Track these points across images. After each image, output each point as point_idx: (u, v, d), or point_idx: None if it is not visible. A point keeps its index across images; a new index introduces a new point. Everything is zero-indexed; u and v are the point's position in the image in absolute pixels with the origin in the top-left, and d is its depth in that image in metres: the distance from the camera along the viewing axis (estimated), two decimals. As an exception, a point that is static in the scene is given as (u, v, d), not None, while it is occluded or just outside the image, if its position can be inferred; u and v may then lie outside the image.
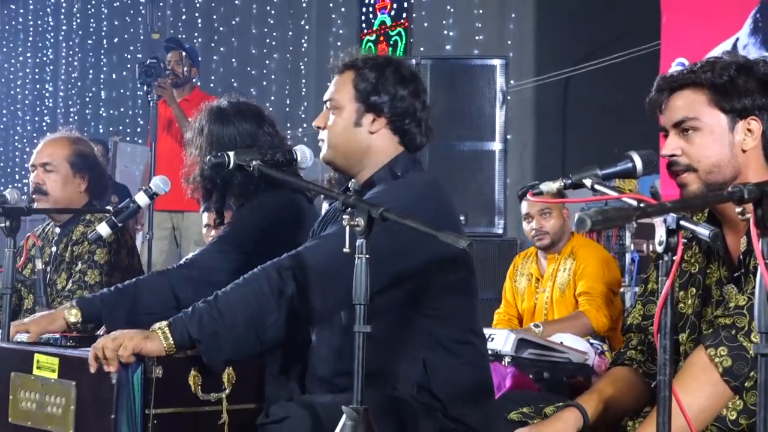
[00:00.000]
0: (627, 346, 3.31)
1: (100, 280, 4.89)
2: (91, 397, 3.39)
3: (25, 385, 3.59)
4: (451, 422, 3.56)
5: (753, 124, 3.05)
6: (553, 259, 6.07)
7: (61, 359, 3.49)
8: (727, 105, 3.05)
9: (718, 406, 2.91)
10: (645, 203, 2.52)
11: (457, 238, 3.10)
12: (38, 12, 17.24)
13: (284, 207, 4.21)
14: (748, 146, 3.05)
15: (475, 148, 8.16)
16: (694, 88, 3.08)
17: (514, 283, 6.26)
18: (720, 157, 3.05)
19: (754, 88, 3.04)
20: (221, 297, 3.43)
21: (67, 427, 3.43)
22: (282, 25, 14.86)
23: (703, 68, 3.07)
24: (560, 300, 5.95)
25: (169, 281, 4.17)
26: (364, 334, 3.13)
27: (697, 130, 3.06)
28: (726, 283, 3.07)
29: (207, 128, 4.26)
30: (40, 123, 16.69)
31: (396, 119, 3.73)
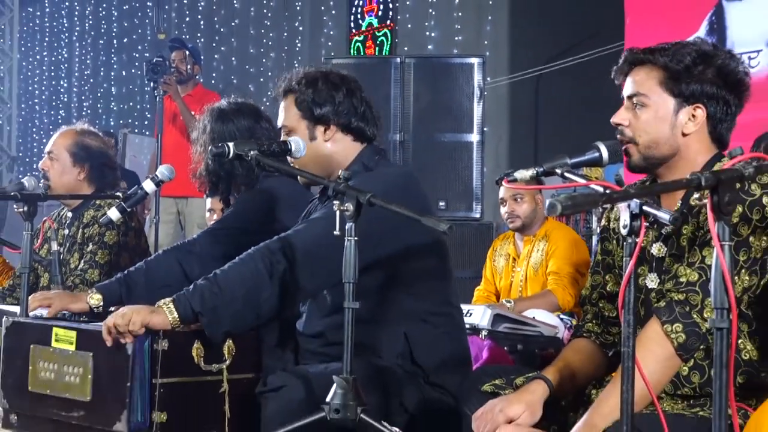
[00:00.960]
0: (584, 319, 3.32)
1: (109, 259, 4.90)
2: (106, 367, 3.41)
3: (44, 357, 3.59)
4: (432, 388, 3.58)
5: (698, 111, 3.04)
6: (528, 241, 6.10)
7: (79, 333, 3.51)
8: (677, 89, 3.04)
9: (671, 374, 2.92)
10: (610, 190, 2.53)
11: (438, 221, 3.12)
12: (54, 14, 17.20)
13: (280, 191, 4.21)
14: (689, 130, 3.04)
15: (455, 140, 8.16)
16: (652, 67, 3.07)
17: (493, 263, 6.29)
18: (659, 135, 3.05)
19: (708, 77, 3.03)
20: (220, 275, 3.47)
21: (86, 394, 3.44)
22: (277, 26, 14.85)
23: (664, 50, 3.06)
24: (534, 278, 5.98)
25: (175, 257, 4.18)
26: (353, 309, 3.14)
27: (645, 107, 3.06)
28: (654, 241, 3.08)
29: (209, 127, 4.29)
30: (56, 116, 16.63)
31: (343, 122, 3.76)
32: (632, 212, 2.54)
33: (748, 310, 2.96)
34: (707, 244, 2.88)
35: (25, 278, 4.02)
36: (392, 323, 3.64)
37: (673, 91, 3.05)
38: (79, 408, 3.48)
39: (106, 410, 3.40)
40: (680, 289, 2.92)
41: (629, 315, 2.56)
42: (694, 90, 3.03)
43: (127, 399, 3.33)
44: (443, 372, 3.61)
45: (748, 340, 2.97)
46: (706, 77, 3.03)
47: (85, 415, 3.46)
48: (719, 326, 2.23)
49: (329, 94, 3.75)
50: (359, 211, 3.14)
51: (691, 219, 3.00)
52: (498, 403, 3.02)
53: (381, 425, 3.17)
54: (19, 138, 16.62)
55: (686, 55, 3.04)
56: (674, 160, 3.07)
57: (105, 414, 3.40)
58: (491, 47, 12.26)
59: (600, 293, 3.29)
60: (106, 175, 5.10)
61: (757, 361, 2.96)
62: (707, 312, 2.81)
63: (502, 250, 6.27)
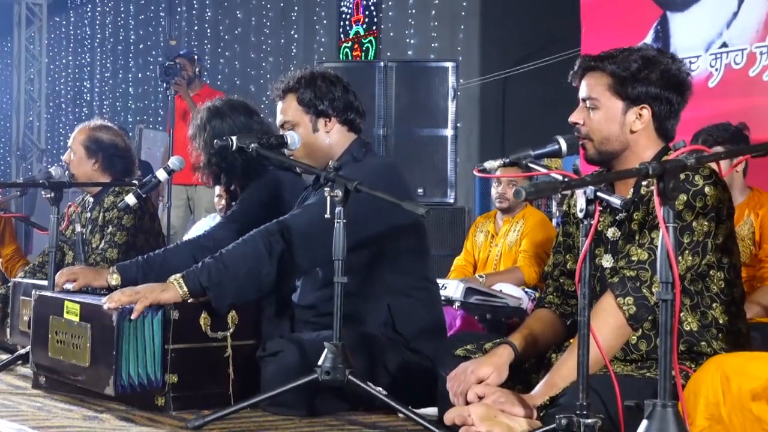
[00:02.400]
0: (546, 292, 3.33)
1: (126, 240, 4.88)
2: (99, 337, 3.40)
3: (58, 327, 3.59)
4: (412, 353, 3.58)
5: (644, 111, 3.05)
6: (507, 221, 6.10)
7: (81, 306, 3.51)
8: (624, 93, 3.04)
9: (622, 342, 2.93)
10: (569, 178, 2.53)
11: (417, 206, 3.13)
12: (78, 24, 17.17)
13: (280, 182, 4.19)
14: (636, 128, 3.05)
15: (431, 134, 8.17)
16: (602, 73, 3.07)
17: (474, 237, 6.30)
18: (610, 133, 3.06)
19: (652, 80, 3.03)
20: (225, 253, 3.48)
21: (85, 360, 3.44)
22: (275, 34, 14.83)
23: (613, 58, 3.07)
24: (508, 254, 5.98)
25: (190, 250, 4.15)
26: (342, 284, 3.14)
27: (596, 109, 3.07)
28: (610, 225, 3.09)
29: (209, 125, 4.25)
30: (80, 114, 16.61)
31: (341, 114, 3.75)
32: (588, 198, 2.57)
33: (691, 286, 2.98)
34: (655, 228, 2.88)
35: (52, 256, 4.04)
36: (377, 296, 3.64)
37: (620, 94, 3.05)
38: (82, 373, 3.47)
39: (99, 375, 3.38)
40: (631, 267, 2.93)
41: (585, 288, 2.57)
42: (639, 93, 3.03)
43: (114, 365, 3.30)
44: (421, 339, 3.61)
45: (689, 313, 2.98)
46: (650, 81, 3.03)
47: (86, 378, 3.46)
48: (664, 298, 2.24)
49: (329, 90, 3.75)
50: (347, 197, 3.15)
51: (641, 206, 3.01)
52: (469, 366, 3.02)
53: (367, 385, 3.17)
54: (47, 132, 16.58)
55: (632, 62, 3.04)
56: (625, 154, 3.07)
57: (98, 378, 3.38)
58: (464, 52, 12.27)
59: (561, 270, 3.29)
60: (116, 164, 5.07)
61: (697, 332, 2.98)
62: (655, 287, 2.81)
63: (483, 227, 6.28)
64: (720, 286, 3.00)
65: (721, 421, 2.58)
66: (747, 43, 7.38)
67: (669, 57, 3.10)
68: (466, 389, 2.95)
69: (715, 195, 2.92)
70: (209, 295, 3.43)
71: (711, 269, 2.98)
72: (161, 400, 3.37)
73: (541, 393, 2.87)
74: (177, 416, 3.27)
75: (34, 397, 3.59)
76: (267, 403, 3.31)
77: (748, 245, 4.67)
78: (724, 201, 2.95)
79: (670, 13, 7.86)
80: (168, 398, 3.38)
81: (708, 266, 2.97)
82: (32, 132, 16.18)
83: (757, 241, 4.66)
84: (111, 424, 3.11)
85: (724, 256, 3.00)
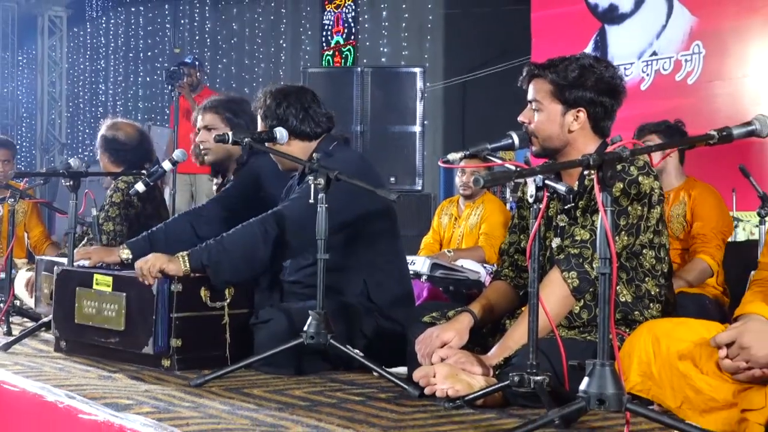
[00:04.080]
0: (502, 266, 3.31)
1: (119, 213, 4.87)
2: (136, 304, 3.40)
3: (86, 297, 3.56)
4: (385, 320, 3.57)
5: (580, 113, 3.04)
6: (469, 206, 6.10)
7: (114, 278, 3.50)
8: (563, 98, 3.04)
9: (566, 310, 2.93)
10: (521, 168, 2.53)
11: (389, 192, 3.12)
12: (94, 34, 17.06)
13: (265, 168, 4.14)
14: (574, 128, 3.04)
15: (402, 130, 8.19)
16: (544, 80, 3.07)
17: (440, 219, 6.30)
18: (552, 132, 3.05)
19: (588, 86, 3.02)
20: (226, 237, 3.46)
21: (120, 324, 3.43)
22: (266, 43, 14.81)
23: (554, 66, 3.06)
24: (469, 234, 5.99)
25: (188, 220, 4.14)
26: (324, 260, 3.13)
27: (540, 111, 3.07)
28: (560, 213, 3.08)
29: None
30: (96, 112, 16.53)
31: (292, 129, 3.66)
32: (537, 185, 2.58)
33: (627, 262, 2.99)
34: (596, 211, 2.88)
35: (70, 236, 4.00)
36: (354, 271, 3.63)
37: (560, 99, 3.05)
38: (115, 335, 3.46)
39: (137, 337, 3.38)
40: (575, 245, 2.93)
41: (534, 264, 2.57)
42: (576, 98, 3.03)
43: (153, 328, 3.33)
44: (393, 307, 3.61)
45: (625, 286, 2.99)
46: (585, 87, 3.03)
47: (120, 340, 3.45)
48: (603, 272, 2.24)
49: (276, 109, 3.67)
50: (329, 184, 3.13)
51: (585, 195, 3.01)
52: (434, 331, 3.02)
53: (346, 348, 3.17)
54: (67, 129, 16.47)
55: (570, 71, 3.04)
56: (566, 150, 3.07)
57: (136, 340, 3.38)
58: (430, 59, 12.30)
59: (515, 248, 3.29)
60: (124, 156, 5.02)
61: (631, 303, 2.98)
62: (595, 263, 2.81)
63: (447, 210, 6.28)
64: (651, 263, 3.01)
65: (652, 378, 2.59)
66: (674, 52, 7.41)
67: (604, 65, 3.10)
68: (431, 351, 2.94)
69: (647, 183, 2.93)
70: (208, 272, 3.41)
71: (644, 248, 2.99)
72: (167, 362, 3.36)
73: (497, 354, 2.87)
74: (181, 375, 3.25)
75: (55, 359, 3.56)
76: (259, 364, 3.30)
77: (681, 222, 4.69)
78: (655, 189, 2.96)
79: (607, 26, 7.88)
80: (173, 360, 3.36)
81: (641, 245, 2.98)
82: (54, 128, 16.07)
83: (689, 220, 4.68)
84: (123, 383, 3.09)
85: (655, 237, 3.01)
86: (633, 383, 2.59)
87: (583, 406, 2.21)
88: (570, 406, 2.24)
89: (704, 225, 4.61)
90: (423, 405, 2.81)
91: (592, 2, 8.00)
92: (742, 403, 2.42)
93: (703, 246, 4.59)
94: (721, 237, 4.66)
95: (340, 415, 2.65)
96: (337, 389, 3.09)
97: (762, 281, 2.74)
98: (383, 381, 3.15)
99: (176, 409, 2.65)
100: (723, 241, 4.67)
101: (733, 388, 2.45)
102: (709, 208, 4.65)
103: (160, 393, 2.91)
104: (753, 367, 2.40)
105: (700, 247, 4.60)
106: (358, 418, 2.62)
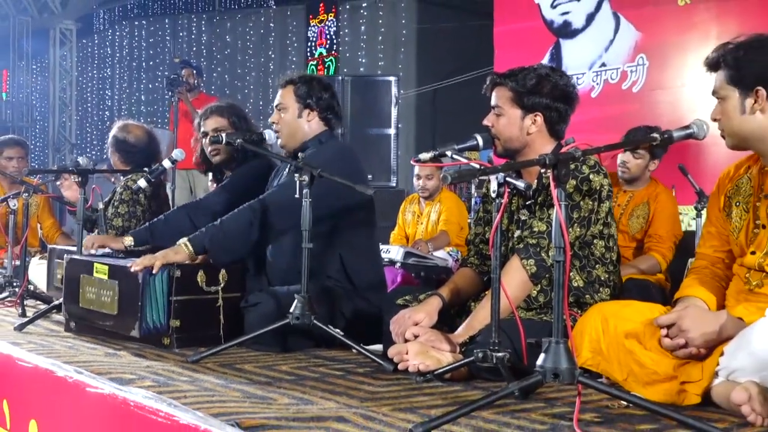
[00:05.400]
0: (469, 254, 3.32)
1: (127, 209, 4.84)
2: (126, 290, 3.36)
3: (88, 283, 3.53)
4: (363, 302, 3.56)
5: (537, 118, 3.04)
6: (428, 204, 6.11)
7: (110, 267, 3.45)
8: (521, 103, 3.04)
9: (525, 294, 2.93)
10: (484, 166, 2.52)
11: (366, 187, 3.12)
12: (101, 45, 16.96)
13: (258, 167, 4.14)
14: (532, 131, 3.04)
15: (379, 132, 8.20)
16: (506, 88, 3.07)
17: (404, 216, 6.31)
18: (512, 135, 3.05)
19: (544, 93, 3.03)
20: (222, 223, 3.47)
21: (114, 308, 3.40)
22: (257, 54, 14.82)
23: (514, 76, 3.06)
24: (432, 229, 6.00)
25: (186, 212, 4.12)
26: (308, 248, 3.12)
27: (501, 116, 3.06)
28: (521, 208, 3.08)
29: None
30: (102, 116, 16.45)
31: (322, 112, 3.72)
32: (499, 182, 2.57)
33: (579, 251, 2.99)
34: (552, 206, 2.88)
35: (79, 227, 3.98)
36: (335, 257, 3.62)
37: (519, 104, 3.04)
38: (110, 319, 3.42)
39: (126, 320, 3.35)
40: (533, 236, 2.93)
41: (497, 252, 2.57)
42: (533, 103, 3.03)
43: (139, 313, 3.28)
44: (370, 291, 3.60)
45: (578, 273, 2.99)
46: (542, 94, 3.03)
47: (114, 323, 3.41)
48: (557, 260, 2.24)
49: (318, 91, 3.72)
50: (312, 181, 3.12)
51: (542, 191, 3.01)
52: (407, 312, 3.01)
53: (328, 328, 3.16)
54: (77, 131, 16.34)
55: (529, 79, 3.04)
56: (525, 151, 3.07)
57: (125, 323, 3.35)
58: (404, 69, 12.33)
59: (480, 238, 3.29)
60: (131, 155, 4.98)
61: (583, 288, 2.99)
62: (551, 251, 2.82)
63: (410, 208, 6.30)
64: (601, 252, 3.02)
65: (601, 353, 2.60)
66: (620, 63, 7.43)
67: (559, 74, 3.10)
68: (404, 330, 2.94)
69: (597, 181, 2.94)
70: (209, 254, 3.42)
71: (595, 239, 3.00)
72: (167, 340, 3.34)
73: (463, 333, 2.87)
74: (179, 353, 3.23)
75: (65, 338, 3.53)
76: (250, 342, 3.28)
77: (641, 222, 4.72)
78: (604, 185, 2.96)
79: (562, 40, 7.89)
80: (172, 338, 3.34)
81: (592, 236, 2.99)
82: (65, 130, 15.92)
83: (649, 220, 4.71)
84: (127, 359, 3.06)
85: (605, 228, 3.01)
86: (584, 359, 2.60)
87: (540, 379, 2.21)
88: (528, 380, 2.24)
89: (661, 228, 4.67)
90: (397, 378, 2.81)
91: (548, 19, 8.01)
92: (681, 376, 2.44)
93: (658, 245, 4.66)
94: (674, 240, 4.72)
95: (322, 387, 2.64)
96: (320, 365, 3.08)
97: (698, 269, 2.76)
98: (361, 357, 3.14)
99: (175, 383, 2.63)
100: (674, 244, 4.72)
101: (673, 363, 2.46)
102: (667, 215, 4.72)
103: (160, 368, 2.89)
104: (690, 345, 2.41)
105: (654, 246, 4.66)
106: (338, 390, 2.61)
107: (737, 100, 2.51)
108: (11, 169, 5.82)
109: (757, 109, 2.49)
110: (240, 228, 3.45)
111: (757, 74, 2.47)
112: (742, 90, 2.50)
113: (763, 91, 2.47)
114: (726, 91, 2.52)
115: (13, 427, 2.84)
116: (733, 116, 2.52)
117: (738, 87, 2.50)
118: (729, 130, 2.54)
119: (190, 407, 2.24)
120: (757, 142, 2.54)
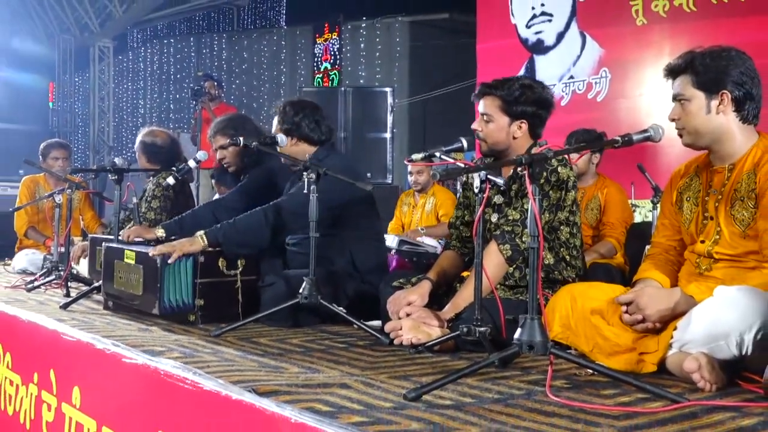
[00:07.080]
0: (452, 238, 3.30)
1: (159, 204, 4.82)
2: (149, 273, 3.35)
3: (121, 267, 3.52)
4: (364, 284, 3.55)
5: (522, 124, 3.02)
6: (422, 197, 6.10)
7: (136, 254, 3.45)
8: (509, 111, 3.01)
9: (503, 274, 2.92)
10: (468, 166, 2.52)
11: (366, 184, 3.11)
12: (135, 60, 17.07)
13: (273, 169, 4.12)
14: (517, 135, 3.02)
15: (376, 136, 8.18)
16: (494, 97, 3.04)
17: (401, 208, 6.30)
18: (499, 139, 3.03)
19: (528, 101, 3.01)
20: (237, 220, 3.46)
21: (139, 290, 3.39)
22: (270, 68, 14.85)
23: (502, 85, 3.04)
24: (425, 219, 5.99)
25: (210, 208, 4.10)
26: (315, 237, 3.11)
27: (489, 122, 3.04)
28: (497, 194, 3.07)
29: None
30: (136, 122, 16.56)
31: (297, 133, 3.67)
32: (481, 179, 2.55)
33: (548, 234, 2.98)
34: (525, 196, 2.88)
35: (115, 219, 3.97)
36: (341, 245, 3.61)
37: (506, 112, 3.02)
38: (137, 299, 3.42)
39: (148, 299, 3.34)
40: (509, 223, 2.92)
41: (480, 240, 2.55)
42: (519, 111, 3.01)
43: (158, 294, 3.27)
44: (371, 274, 3.59)
45: (547, 252, 2.98)
46: (527, 102, 3.01)
47: (140, 302, 3.41)
48: (532, 246, 2.23)
49: (293, 115, 3.66)
50: (319, 178, 3.11)
51: (517, 180, 3.00)
52: (402, 293, 3.01)
53: (333, 306, 3.15)
54: (114, 135, 16.30)
55: (515, 89, 3.01)
56: (508, 151, 3.05)
57: (148, 302, 3.34)
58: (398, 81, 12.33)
59: (461, 221, 3.28)
60: (157, 157, 4.96)
61: (552, 265, 2.98)
62: (525, 237, 2.81)
63: (406, 200, 6.29)
64: (567, 237, 3.01)
65: (570, 328, 2.60)
66: (586, 76, 7.41)
67: (540, 85, 3.09)
68: (399, 309, 2.94)
69: (564, 173, 2.93)
70: (222, 246, 3.40)
71: (561, 224, 2.99)
72: (192, 317, 3.33)
73: (449, 310, 2.86)
74: (203, 328, 3.23)
75: (104, 315, 3.52)
76: (265, 319, 3.27)
77: (595, 213, 4.75)
78: (570, 177, 2.96)
79: (535, 56, 7.87)
80: (197, 316, 3.34)
81: (559, 222, 2.98)
82: (103, 135, 15.87)
83: (601, 210, 4.75)
84: (158, 334, 3.06)
85: (570, 215, 3.00)
86: (555, 333, 2.59)
87: (517, 350, 2.20)
88: (507, 351, 2.24)
89: (612, 216, 4.71)
90: (392, 350, 2.80)
91: (523, 37, 7.99)
92: (639, 348, 2.43)
93: (611, 231, 4.70)
94: (624, 225, 4.77)
95: (328, 358, 2.64)
96: (325, 338, 3.07)
97: (654, 255, 2.76)
98: (361, 332, 3.14)
99: (199, 355, 2.62)
100: (626, 228, 4.76)
101: (632, 336, 2.46)
102: (615, 203, 4.76)
103: (186, 342, 2.88)
104: (647, 321, 2.41)
105: (608, 232, 4.70)
106: (341, 360, 2.60)
107: (703, 101, 2.49)
108: (57, 168, 5.81)
109: (721, 111, 2.49)
110: (251, 227, 3.44)
111: (722, 80, 2.47)
112: (708, 93, 2.48)
113: (727, 95, 2.47)
114: (691, 93, 2.51)
115: (59, 392, 2.84)
116: (698, 115, 2.50)
117: (704, 90, 2.49)
118: (690, 127, 2.53)
119: (212, 376, 2.23)
120: (713, 140, 2.53)
